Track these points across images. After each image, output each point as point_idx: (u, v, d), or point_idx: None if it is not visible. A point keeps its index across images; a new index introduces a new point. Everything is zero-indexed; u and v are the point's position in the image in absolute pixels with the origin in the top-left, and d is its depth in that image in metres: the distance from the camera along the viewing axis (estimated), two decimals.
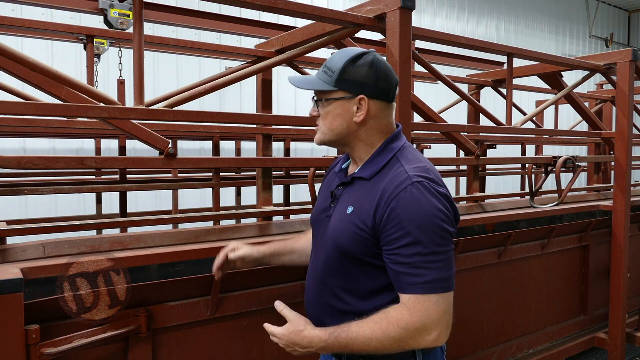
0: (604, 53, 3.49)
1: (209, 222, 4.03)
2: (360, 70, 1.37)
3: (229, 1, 1.98)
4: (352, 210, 1.37)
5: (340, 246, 1.38)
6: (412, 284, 1.25)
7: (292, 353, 1.38)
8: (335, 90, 1.39)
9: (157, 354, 1.96)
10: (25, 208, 5.34)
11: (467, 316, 3.07)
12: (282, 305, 1.42)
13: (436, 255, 1.25)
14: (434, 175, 1.34)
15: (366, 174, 1.40)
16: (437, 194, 1.29)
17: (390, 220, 1.27)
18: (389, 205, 1.28)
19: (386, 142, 1.43)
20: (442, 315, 1.26)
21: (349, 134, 1.42)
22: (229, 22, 3.61)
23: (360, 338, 1.27)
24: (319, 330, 1.33)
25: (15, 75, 1.80)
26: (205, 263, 2.18)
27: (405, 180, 1.30)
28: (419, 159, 1.39)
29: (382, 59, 1.43)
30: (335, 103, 1.40)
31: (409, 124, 2.17)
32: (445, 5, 9.22)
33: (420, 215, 1.25)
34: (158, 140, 2.03)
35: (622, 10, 13.38)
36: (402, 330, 1.24)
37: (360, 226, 1.33)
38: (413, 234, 1.24)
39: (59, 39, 3.66)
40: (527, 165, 3.45)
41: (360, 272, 1.37)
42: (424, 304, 1.24)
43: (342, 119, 1.40)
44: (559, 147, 8.43)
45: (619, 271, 3.43)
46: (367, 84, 1.37)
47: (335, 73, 1.38)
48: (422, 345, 1.26)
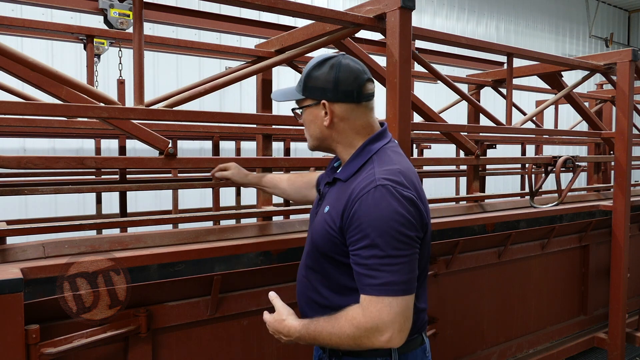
0: (604, 53, 3.49)
1: (209, 222, 4.04)
2: (320, 76, 1.42)
3: (229, 1, 1.98)
4: (328, 209, 1.42)
5: (316, 243, 1.45)
6: (367, 285, 1.28)
7: (280, 340, 1.46)
8: (304, 98, 1.47)
9: (157, 354, 1.96)
10: (25, 208, 5.34)
11: (467, 316, 3.07)
12: (273, 295, 1.50)
13: (392, 258, 1.26)
14: (403, 177, 1.34)
15: (343, 175, 1.44)
16: (399, 198, 1.29)
17: (352, 222, 1.31)
18: (353, 207, 1.31)
19: (365, 143, 1.45)
20: (395, 317, 1.26)
21: (325, 138, 1.48)
22: (229, 22, 3.61)
23: (324, 332, 1.33)
24: (297, 322, 1.41)
25: (15, 75, 1.80)
26: (205, 263, 2.18)
27: (371, 183, 1.32)
28: (394, 161, 1.39)
29: (347, 61, 1.44)
30: (307, 110, 1.48)
31: (409, 124, 2.17)
32: (445, 5, 9.22)
33: (377, 218, 1.27)
34: (158, 140, 2.03)
35: (622, 10, 13.38)
36: (355, 329, 1.29)
37: (331, 225, 1.38)
38: (370, 237, 1.27)
39: (59, 39, 3.66)
40: (527, 165, 3.45)
41: (334, 268, 1.42)
42: (377, 306, 1.27)
43: (314, 124, 1.47)
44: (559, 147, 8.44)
45: (619, 271, 3.43)
46: (327, 89, 1.41)
47: (301, 81, 1.46)
48: (377, 345, 1.29)
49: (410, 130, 2.18)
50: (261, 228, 2.38)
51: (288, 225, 2.47)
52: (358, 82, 1.43)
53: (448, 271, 2.91)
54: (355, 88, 1.42)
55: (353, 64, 1.44)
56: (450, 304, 2.96)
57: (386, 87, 2.20)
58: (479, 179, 3.50)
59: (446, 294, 2.94)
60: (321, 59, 1.45)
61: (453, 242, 2.85)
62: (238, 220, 2.62)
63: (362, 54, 2.54)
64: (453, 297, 2.98)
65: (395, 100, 2.13)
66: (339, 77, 1.41)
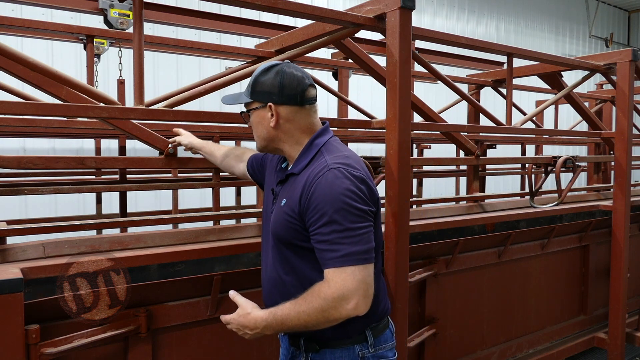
0: (604, 53, 3.49)
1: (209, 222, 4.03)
2: (266, 81, 1.54)
3: (229, 1, 1.98)
4: (285, 202, 1.53)
5: (277, 235, 1.54)
6: (330, 259, 1.38)
7: (244, 337, 1.51)
8: (252, 101, 1.58)
9: (157, 354, 1.96)
10: (25, 208, 5.34)
11: (467, 316, 3.07)
12: (233, 293, 1.57)
13: (351, 231, 1.38)
14: (352, 161, 1.48)
15: (296, 169, 1.55)
16: (350, 177, 1.42)
17: (310, 204, 1.42)
18: (310, 191, 1.43)
19: (311, 139, 1.57)
20: (359, 284, 1.37)
21: (272, 139, 1.59)
22: (229, 22, 3.61)
23: (292, 313, 1.40)
24: (262, 312, 1.47)
25: (15, 75, 1.80)
26: (205, 263, 2.19)
27: (323, 168, 1.45)
28: (340, 150, 1.54)
29: (290, 69, 1.56)
30: (255, 113, 1.59)
31: (409, 124, 2.17)
32: (445, 5, 9.21)
33: (333, 196, 1.39)
34: (158, 140, 2.03)
35: (622, 10, 13.37)
36: (323, 300, 1.36)
37: (289, 214, 1.48)
38: (328, 214, 1.38)
39: (59, 39, 3.66)
40: (527, 165, 3.45)
41: (297, 256, 1.51)
42: (341, 275, 1.36)
43: (262, 126, 1.58)
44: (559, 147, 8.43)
45: (619, 271, 3.43)
46: (273, 93, 1.54)
47: (249, 86, 1.58)
48: (344, 314, 1.37)
49: (410, 130, 2.18)
50: (261, 228, 2.38)
51: None
52: (301, 87, 1.55)
53: (448, 271, 2.91)
54: (299, 92, 1.55)
55: (296, 72, 1.56)
56: (450, 304, 2.96)
57: (386, 87, 2.20)
58: (479, 179, 3.50)
59: (446, 294, 2.94)
60: (267, 65, 1.57)
61: (453, 242, 2.85)
62: (238, 220, 2.62)
63: (362, 54, 2.54)
64: (453, 297, 2.98)
65: (395, 100, 2.13)
66: (284, 82, 1.53)
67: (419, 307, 2.84)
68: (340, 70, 4.44)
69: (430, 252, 2.81)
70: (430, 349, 2.85)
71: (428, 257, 2.82)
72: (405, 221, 2.14)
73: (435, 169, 6.13)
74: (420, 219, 2.89)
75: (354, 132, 3.94)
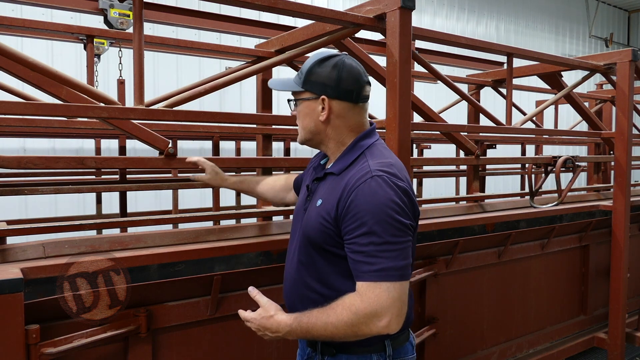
0: (604, 53, 3.49)
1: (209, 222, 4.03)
2: (324, 72, 1.46)
3: (229, 1, 1.98)
4: (321, 202, 1.45)
5: (308, 236, 1.46)
6: (365, 272, 1.31)
7: (263, 337, 1.45)
8: (303, 91, 1.50)
9: (157, 354, 1.96)
10: (25, 208, 5.34)
11: (467, 316, 3.07)
12: (255, 291, 1.49)
13: (390, 245, 1.30)
14: (396, 170, 1.40)
15: (336, 169, 1.48)
16: (395, 187, 1.35)
17: (349, 211, 1.34)
18: (349, 197, 1.35)
19: (356, 140, 1.50)
20: (393, 302, 1.29)
21: (318, 132, 1.51)
22: (229, 22, 3.61)
23: (319, 323, 1.33)
24: (286, 316, 1.41)
25: (15, 75, 1.80)
26: (205, 263, 2.18)
27: (367, 174, 1.36)
28: (385, 156, 1.46)
29: (350, 62, 1.49)
30: (304, 103, 1.50)
31: (409, 124, 2.17)
32: (445, 5, 9.21)
33: (375, 206, 1.31)
34: (158, 140, 2.03)
35: (622, 10, 13.37)
36: (354, 315, 1.29)
37: (325, 217, 1.41)
38: (368, 224, 1.30)
39: (59, 39, 3.66)
40: (527, 165, 3.45)
41: (325, 261, 1.44)
42: (375, 291, 1.29)
43: (310, 118, 1.50)
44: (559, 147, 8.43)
45: (619, 271, 3.43)
46: (329, 85, 1.46)
47: (303, 75, 1.49)
48: (375, 331, 1.30)
49: (410, 130, 2.18)
50: (261, 228, 2.38)
51: (288, 225, 2.47)
52: (359, 83, 1.48)
53: (448, 271, 2.91)
54: (356, 89, 1.47)
55: (355, 65, 1.49)
56: (450, 304, 2.96)
57: (386, 87, 2.20)
58: (479, 179, 3.50)
59: (446, 294, 2.94)
60: (324, 55, 1.48)
61: (453, 242, 2.85)
62: (238, 220, 2.62)
63: (362, 54, 2.53)
64: (453, 297, 2.98)
65: (395, 100, 2.13)
66: (342, 76, 1.45)
67: (419, 307, 2.84)
68: None
69: (430, 252, 2.81)
70: (430, 349, 2.85)
71: (428, 257, 2.82)
72: None
73: (435, 169, 6.13)
74: (420, 218, 2.88)
75: None
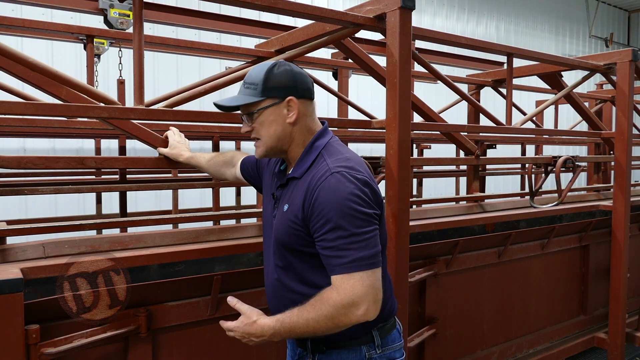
0: (604, 53, 3.49)
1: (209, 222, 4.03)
2: (279, 76, 1.49)
3: (229, 1, 1.98)
4: (287, 207, 1.49)
5: (281, 241, 1.50)
6: (337, 265, 1.36)
7: (248, 344, 1.48)
8: (263, 99, 1.49)
9: (157, 354, 1.96)
10: (25, 208, 5.34)
11: (467, 316, 3.07)
12: (234, 300, 1.51)
13: (357, 236, 1.36)
14: (354, 163, 1.45)
15: (297, 173, 1.51)
16: (354, 180, 1.39)
17: (314, 210, 1.39)
18: (313, 197, 1.40)
19: (312, 141, 1.54)
20: (368, 290, 1.35)
21: (285, 137, 1.53)
22: (229, 22, 3.61)
23: (300, 321, 1.38)
24: (269, 319, 1.44)
25: (15, 75, 1.80)
26: (205, 263, 2.18)
27: (326, 172, 1.42)
28: (341, 152, 1.50)
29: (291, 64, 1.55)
30: (267, 111, 1.50)
31: (409, 124, 2.17)
32: (445, 5, 9.21)
33: (338, 201, 1.36)
34: (158, 140, 2.03)
35: (622, 10, 13.37)
36: (332, 308, 1.34)
37: (293, 220, 1.45)
38: (333, 220, 1.35)
39: (59, 39, 3.66)
40: (527, 165, 3.44)
41: (302, 262, 1.48)
42: (349, 282, 1.34)
43: (276, 123, 1.51)
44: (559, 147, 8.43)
45: (619, 271, 3.43)
46: (290, 87, 1.49)
47: (259, 85, 1.49)
48: (354, 320, 1.35)
49: (410, 130, 2.18)
50: (261, 228, 2.38)
51: None
52: (308, 79, 1.54)
53: (448, 271, 2.91)
54: (309, 85, 1.53)
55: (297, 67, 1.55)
56: (450, 304, 2.96)
57: (386, 87, 2.20)
58: (479, 179, 3.50)
59: (446, 294, 2.94)
60: (270, 64, 1.51)
61: (453, 242, 2.85)
62: (238, 220, 2.62)
63: (362, 54, 2.54)
64: (453, 297, 2.98)
65: (395, 100, 2.13)
66: (296, 76, 1.50)
67: (419, 307, 2.84)
68: (340, 70, 4.44)
69: (430, 252, 2.81)
70: (430, 349, 2.85)
71: (428, 257, 2.82)
72: (405, 221, 2.14)
73: (435, 169, 6.13)
74: (420, 219, 2.89)
75: (354, 132, 3.94)
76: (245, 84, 1.52)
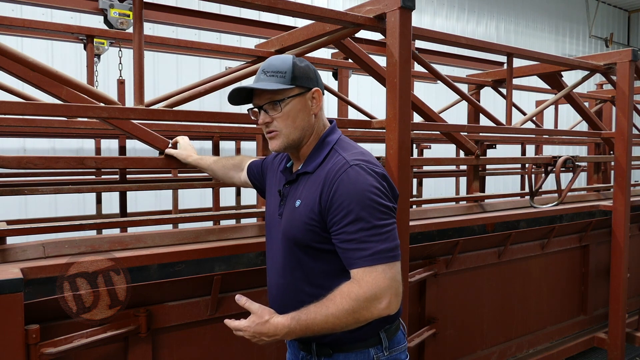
0: (604, 53, 3.49)
1: (209, 222, 4.03)
2: (305, 67, 1.49)
3: (229, 1, 1.98)
4: (300, 202, 1.46)
5: (293, 237, 1.46)
6: (359, 258, 1.32)
7: (259, 343, 1.43)
8: (292, 87, 1.46)
9: (157, 354, 1.96)
10: (25, 208, 5.34)
11: (467, 316, 3.07)
12: (244, 299, 1.44)
13: (379, 228, 1.33)
14: (369, 157, 1.45)
15: (310, 168, 1.49)
16: (373, 173, 1.38)
17: (333, 202, 1.36)
18: (332, 189, 1.37)
19: (323, 136, 1.53)
20: (391, 283, 1.32)
21: (308, 129, 1.50)
22: (229, 22, 3.61)
23: (319, 317, 1.32)
24: (282, 317, 1.38)
25: (15, 75, 1.80)
26: (205, 263, 2.18)
27: (344, 165, 1.40)
28: (355, 147, 1.50)
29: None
30: (294, 100, 1.47)
31: (409, 124, 2.17)
32: (445, 5, 9.21)
33: (358, 193, 1.34)
34: (158, 140, 2.03)
35: (622, 10, 13.37)
36: (354, 301, 1.30)
37: (308, 215, 1.41)
38: (355, 211, 1.33)
39: (59, 39, 3.66)
40: (527, 165, 3.45)
41: (314, 259, 1.44)
42: (372, 275, 1.31)
43: (303, 113, 1.48)
44: (559, 147, 8.44)
45: (619, 271, 3.43)
46: (313, 78, 1.50)
47: (287, 72, 1.45)
48: (376, 314, 1.32)
49: (410, 130, 2.18)
50: (261, 228, 2.38)
51: None
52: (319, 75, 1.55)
53: (448, 271, 2.91)
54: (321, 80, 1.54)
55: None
56: (450, 304, 2.96)
57: (386, 87, 2.20)
58: (479, 179, 3.50)
59: (446, 294, 2.94)
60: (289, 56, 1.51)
61: (453, 242, 2.85)
62: (238, 220, 2.62)
63: (362, 54, 2.53)
64: (453, 297, 2.98)
65: (395, 100, 2.13)
66: (315, 70, 1.52)
67: (419, 307, 2.84)
68: (340, 70, 4.44)
69: (430, 252, 2.81)
70: (430, 349, 2.85)
71: (428, 257, 2.82)
72: (405, 221, 2.14)
73: (435, 169, 6.13)
74: (420, 219, 2.89)
75: (354, 132, 3.94)
76: (269, 73, 1.46)
